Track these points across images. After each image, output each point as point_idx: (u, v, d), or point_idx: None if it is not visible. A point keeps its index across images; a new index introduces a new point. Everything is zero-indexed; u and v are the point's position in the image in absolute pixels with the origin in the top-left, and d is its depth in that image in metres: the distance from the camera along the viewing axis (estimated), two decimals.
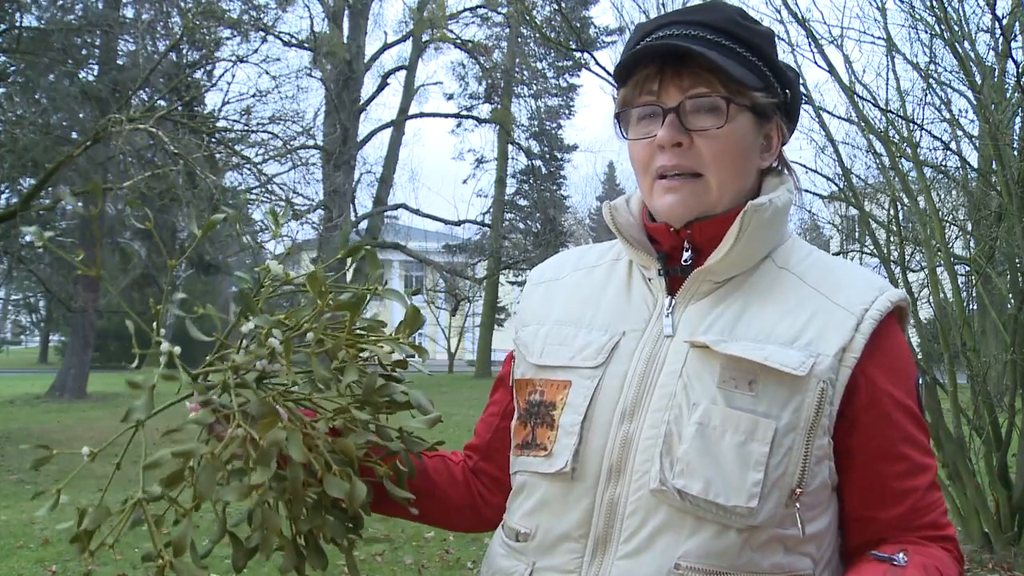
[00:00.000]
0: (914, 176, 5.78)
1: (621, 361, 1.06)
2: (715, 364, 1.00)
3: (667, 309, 1.07)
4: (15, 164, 11.03)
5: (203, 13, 11.53)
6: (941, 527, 1.05)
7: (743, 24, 1.06)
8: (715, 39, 1.04)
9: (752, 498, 0.95)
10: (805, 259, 1.09)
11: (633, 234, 1.13)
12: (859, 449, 1.02)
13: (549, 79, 25.97)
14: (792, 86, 1.10)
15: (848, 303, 1.02)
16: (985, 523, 5.40)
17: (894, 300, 1.04)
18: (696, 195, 1.05)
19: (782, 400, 0.97)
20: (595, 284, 1.17)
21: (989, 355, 5.65)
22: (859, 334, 1.00)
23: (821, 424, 0.98)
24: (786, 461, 0.97)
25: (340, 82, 18.85)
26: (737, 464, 0.96)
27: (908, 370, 1.05)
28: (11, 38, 11.88)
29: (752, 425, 0.97)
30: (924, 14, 5.80)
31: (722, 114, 1.03)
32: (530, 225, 26.60)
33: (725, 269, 1.06)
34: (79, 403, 15.28)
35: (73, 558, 5.29)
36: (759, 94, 1.06)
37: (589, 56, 7.05)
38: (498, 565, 1.11)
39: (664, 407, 1.01)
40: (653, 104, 1.06)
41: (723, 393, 0.99)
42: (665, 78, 1.05)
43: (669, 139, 1.04)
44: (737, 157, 1.06)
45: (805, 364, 0.97)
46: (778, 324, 1.01)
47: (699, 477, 0.96)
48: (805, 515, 0.99)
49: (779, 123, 1.11)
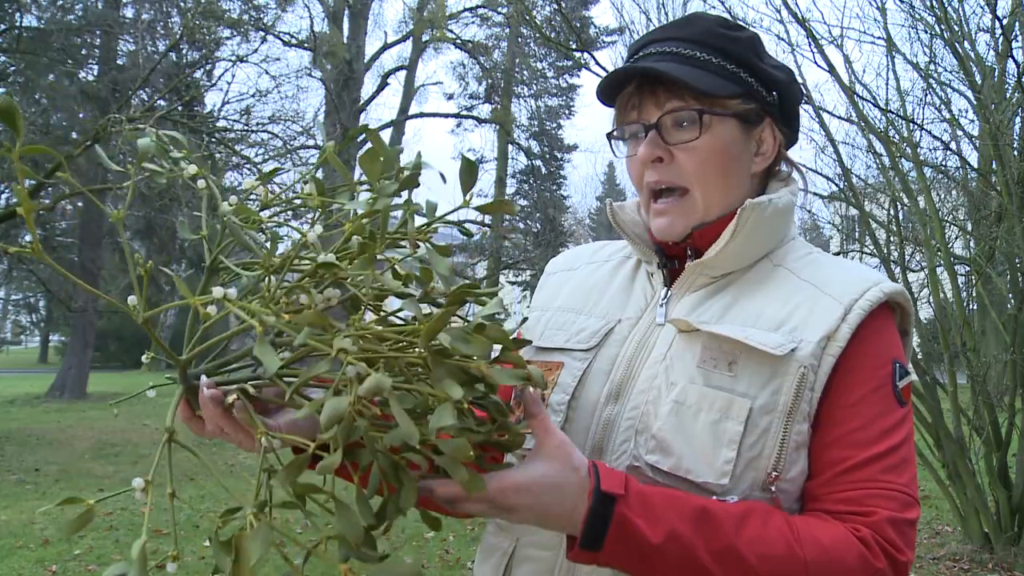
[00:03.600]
0: (914, 176, 5.79)
1: (613, 346, 1.10)
2: (697, 345, 1.03)
3: (662, 299, 1.11)
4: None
5: (203, 13, 11.54)
6: (862, 504, 0.95)
7: (721, 33, 1.08)
8: (690, 53, 1.07)
9: (723, 476, 0.96)
10: (802, 258, 1.11)
11: (637, 231, 1.17)
12: (817, 437, 1.00)
13: (549, 79, 25.97)
14: (782, 87, 1.11)
15: (838, 293, 1.02)
16: (985, 523, 5.40)
17: (887, 292, 1.03)
18: (684, 213, 1.09)
19: (761, 381, 0.98)
20: (602, 277, 1.22)
21: (989, 355, 5.65)
22: (845, 324, 1.00)
23: (800, 409, 0.98)
24: (762, 442, 0.97)
25: (340, 82, 18.86)
26: (710, 442, 0.97)
27: (883, 360, 1.01)
28: (11, 38, 11.88)
29: (727, 403, 0.98)
30: (924, 14, 5.81)
31: (697, 126, 1.06)
32: (530, 225, 26.60)
33: (721, 264, 1.09)
34: (79, 403, 15.28)
35: (73, 558, 5.29)
36: (736, 101, 1.07)
37: (589, 56, 7.05)
38: (487, 543, 1.15)
39: (647, 388, 1.04)
40: (636, 122, 1.10)
41: (702, 372, 1.01)
42: (644, 97, 1.09)
43: (648, 155, 1.08)
44: (721, 166, 1.08)
45: (784, 346, 0.98)
46: (765, 311, 1.03)
47: (671, 453, 0.98)
48: (791, 505, 0.99)
49: (772, 125, 1.12)
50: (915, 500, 0.98)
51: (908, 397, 1.03)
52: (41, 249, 0.79)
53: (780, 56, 2.65)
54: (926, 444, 5.55)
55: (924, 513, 6.57)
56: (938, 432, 5.41)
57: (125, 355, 25.67)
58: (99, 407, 14.50)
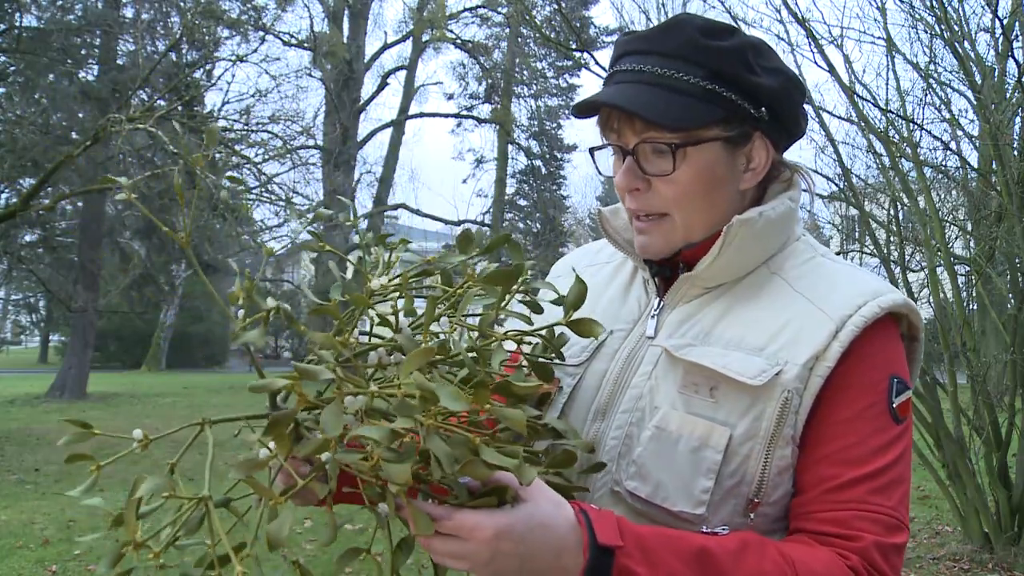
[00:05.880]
0: (914, 176, 5.78)
1: (602, 360, 1.08)
2: (679, 369, 1.01)
3: (654, 311, 1.09)
4: (15, 164, 11.02)
5: (203, 13, 11.54)
6: (847, 527, 0.93)
7: (703, 46, 0.99)
8: (667, 72, 0.99)
9: (700, 505, 0.95)
10: (802, 264, 1.06)
11: (627, 237, 1.14)
12: (806, 453, 0.97)
13: (549, 79, 25.96)
14: (774, 97, 1.02)
15: (831, 308, 0.98)
16: (985, 523, 5.39)
17: (885, 306, 0.98)
18: (664, 235, 1.06)
19: (742, 408, 0.96)
20: (599, 282, 1.19)
21: (989, 355, 5.64)
22: (836, 342, 0.96)
23: (783, 434, 0.95)
24: (743, 469, 0.95)
25: (340, 82, 18.85)
26: (689, 470, 0.96)
27: (879, 376, 0.98)
28: (11, 38, 11.87)
29: (707, 431, 0.96)
30: (924, 14, 5.80)
31: (670, 160, 1.01)
32: (530, 225, 26.59)
33: (713, 276, 1.06)
34: (79, 403, 15.26)
35: (73, 558, 5.29)
36: (716, 129, 1.00)
37: (589, 56, 7.05)
38: None
39: (631, 408, 1.02)
40: (616, 143, 1.06)
41: (683, 398, 0.99)
42: (620, 121, 1.03)
43: (626, 185, 1.04)
44: (702, 192, 1.02)
45: (766, 373, 0.95)
46: (751, 330, 1.00)
47: (650, 481, 0.97)
48: (770, 526, 0.98)
49: (763, 138, 1.04)
50: (903, 524, 0.95)
51: (905, 413, 0.99)
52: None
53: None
54: (926, 444, 5.55)
55: (924, 513, 6.56)
56: (938, 432, 5.41)
57: (125, 355, 25.64)
58: (99, 407, 14.49)
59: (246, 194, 12.42)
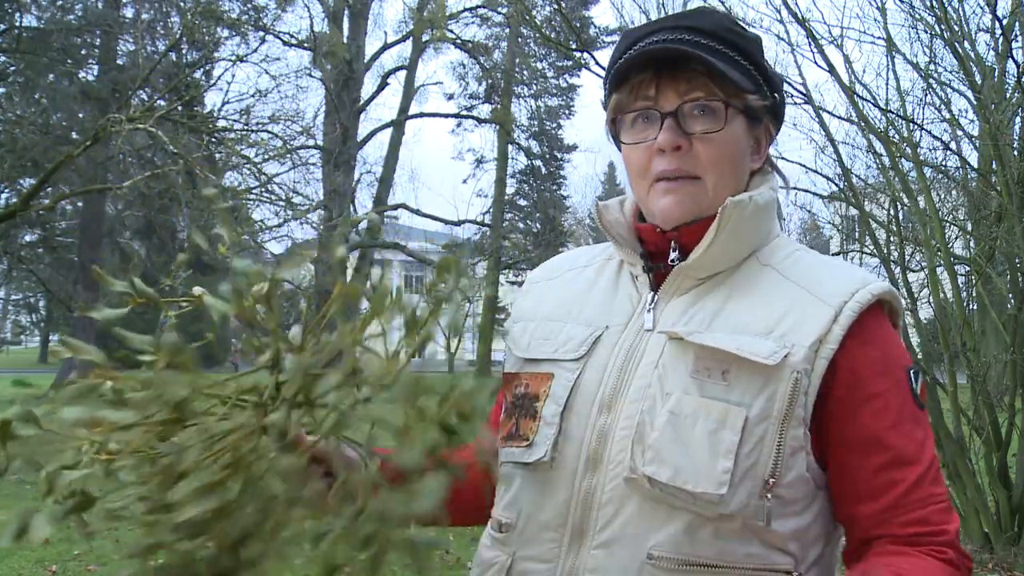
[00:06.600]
0: (914, 176, 5.78)
1: (602, 354, 1.08)
2: (689, 354, 1.02)
3: (649, 304, 1.10)
4: (15, 164, 11.03)
5: (202, 13, 11.54)
6: (932, 523, 0.99)
7: (733, 30, 1.07)
8: (708, 43, 1.04)
9: (721, 485, 0.95)
10: (789, 256, 1.10)
11: (621, 232, 1.15)
12: (836, 442, 1.01)
13: (549, 79, 25.98)
14: (779, 90, 1.12)
15: (827, 295, 1.02)
16: (985, 523, 5.40)
17: (876, 293, 1.03)
18: (694, 198, 1.07)
19: (755, 389, 0.98)
20: (584, 282, 1.19)
21: (989, 355, 5.65)
22: (837, 325, 0.99)
23: (795, 414, 0.97)
24: (758, 450, 0.97)
25: (340, 82, 18.85)
26: (707, 452, 0.97)
27: (894, 360, 1.03)
28: (11, 38, 11.88)
29: (723, 413, 0.97)
30: (924, 14, 5.81)
31: (720, 117, 1.05)
32: (530, 225, 26.61)
33: (707, 265, 1.07)
34: None
35: (73, 558, 5.29)
36: (753, 97, 1.07)
37: (589, 56, 7.06)
38: (482, 557, 1.13)
39: (640, 398, 1.02)
40: (651, 109, 1.06)
41: (696, 382, 1.00)
42: (662, 83, 1.05)
43: (670, 142, 1.04)
44: (733, 160, 1.07)
45: (777, 354, 0.98)
46: (754, 316, 1.02)
47: (669, 464, 0.98)
48: (782, 509, 0.99)
49: (768, 125, 1.12)
50: (952, 505, 1.02)
51: (925, 397, 1.05)
52: None
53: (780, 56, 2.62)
54: None
55: None
56: (938, 432, 5.41)
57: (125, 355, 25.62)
58: None
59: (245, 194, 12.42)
